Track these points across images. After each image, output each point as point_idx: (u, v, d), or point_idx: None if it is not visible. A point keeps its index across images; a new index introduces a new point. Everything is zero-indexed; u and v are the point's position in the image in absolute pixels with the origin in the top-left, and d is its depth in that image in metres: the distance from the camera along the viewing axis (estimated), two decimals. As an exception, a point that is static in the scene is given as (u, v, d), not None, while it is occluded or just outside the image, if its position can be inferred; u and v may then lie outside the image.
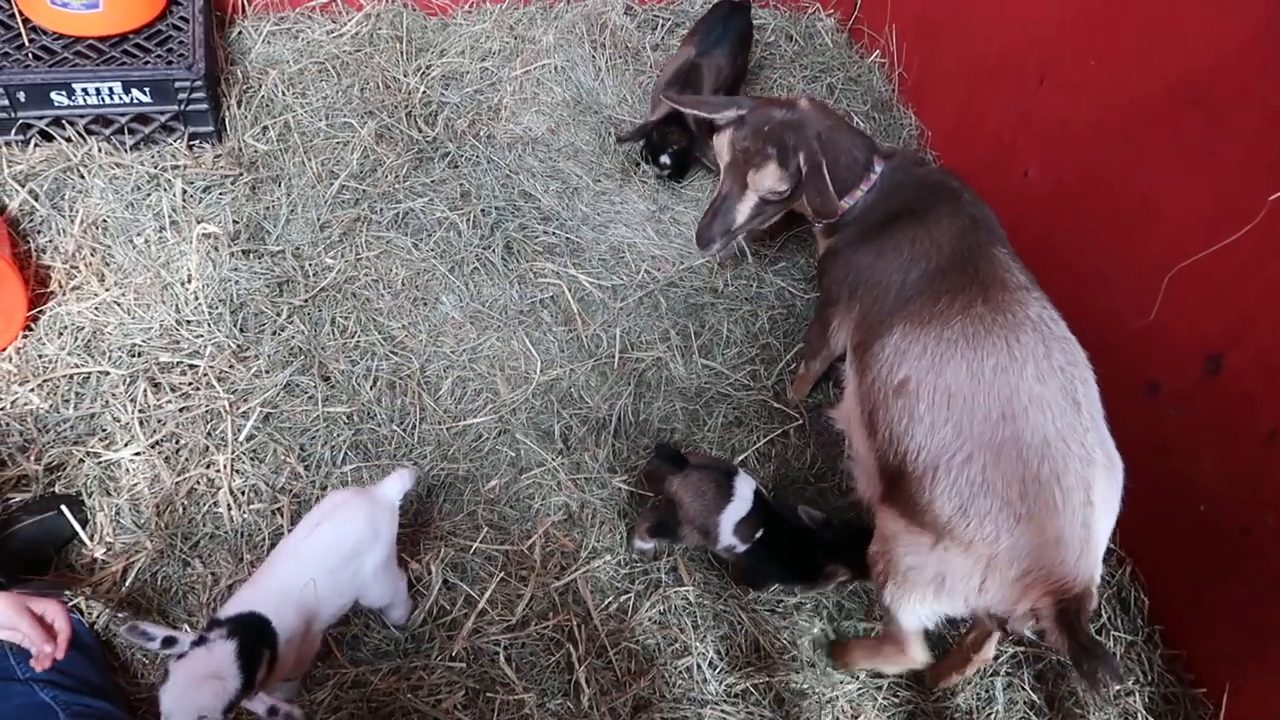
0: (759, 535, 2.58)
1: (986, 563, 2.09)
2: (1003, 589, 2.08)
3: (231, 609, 2.06)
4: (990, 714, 2.63)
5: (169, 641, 1.92)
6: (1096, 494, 2.06)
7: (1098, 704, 2.69)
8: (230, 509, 2.62)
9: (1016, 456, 2.07)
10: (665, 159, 3.37)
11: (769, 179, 2.71)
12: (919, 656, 2.44)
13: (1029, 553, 2.04)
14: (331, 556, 2.19)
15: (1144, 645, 2.81)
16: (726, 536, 2.58)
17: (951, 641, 2.68)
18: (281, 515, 2.62)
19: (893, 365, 2.33)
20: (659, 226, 3.44)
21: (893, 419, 2.29)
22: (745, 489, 2.58)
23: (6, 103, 3.06)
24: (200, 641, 1.94)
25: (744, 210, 2.80)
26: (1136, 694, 2.72)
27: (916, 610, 2.30)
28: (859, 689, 2.62)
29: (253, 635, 2.00)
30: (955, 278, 2.38)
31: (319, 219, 3.21)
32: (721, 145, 2.81)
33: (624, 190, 3.52)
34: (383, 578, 2.32)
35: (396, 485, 2.37)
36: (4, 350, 2.80)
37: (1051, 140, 3.13)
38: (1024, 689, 2.68)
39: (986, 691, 2.66)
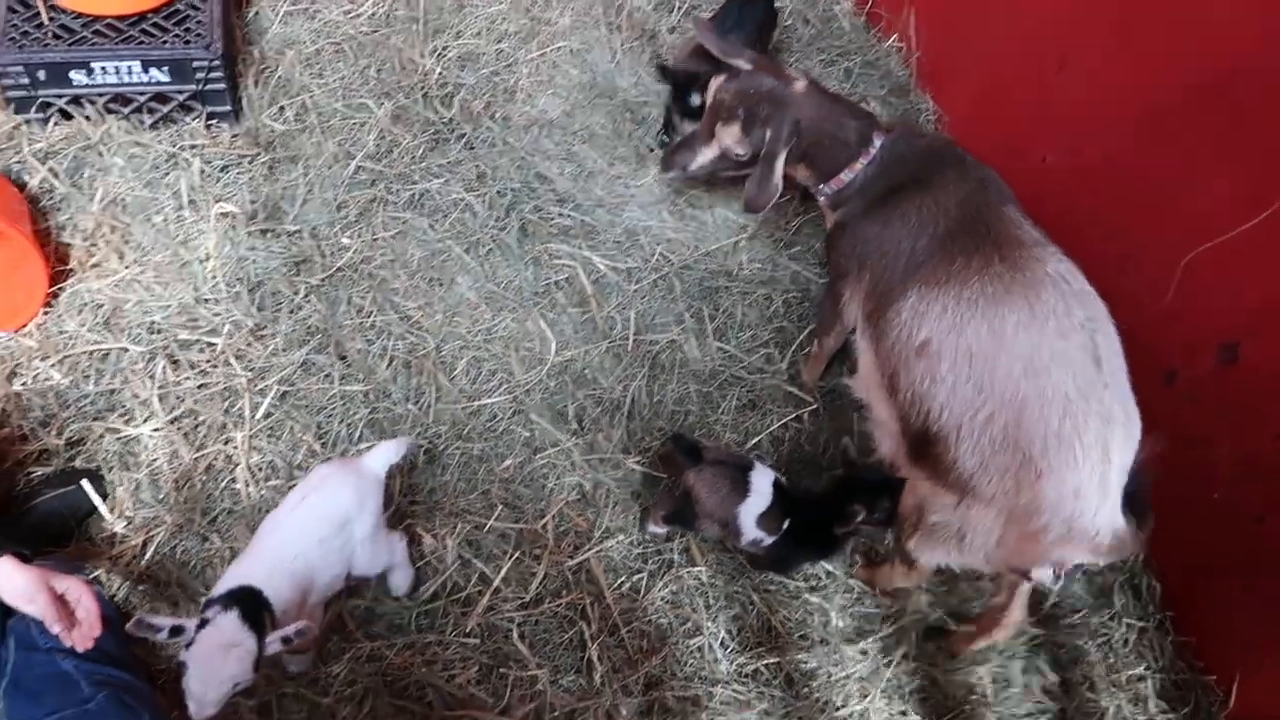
0: (785, 527, 2.57)
1: (1007, 517, 2.15)
2: (1023, 542, 2.15)
3: (223, 586, 2.09)
4: (1006, 697, 2.65)
5: (176, 630, 1.96)
6: (1114, 451, 2.11)
7: (1109, 689, 2.70)
8: (248, 485, 2.65)
9: (1038, 413, 2.12)
10: (694, 99, 3.28)
11: (729, 138, 2.78)
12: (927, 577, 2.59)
13: (1049, 507, 2.09)
14: (321, 527, 2.22)
15: (1155, 631, 2.82)
16: (750, 531, 2.57)
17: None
18: (298, 492, 2.65)
19: (911, 328, 2.36)
20: (674, 209, 3.44)
21: (915, 380, 2.32)
22: (762, 483, 2.56)
23: (27, 81, 3.08)
24: (203, 624, 1.97)
25: (706, 155, 2.90)
26: (1148, 680, 2.73)
27: (937, 560, 2.39)
28: (870, 669, 2.64)
29: (249, 603, 2.03)
30: (966, 239, 2.39)
31: (336, 199, 3.23)
32: (711, 88, 2.88)
33: (639, 174, 3.52)
34: (370, 546, 2.34)
35: (382, 456, 2.39)
36: (25, 326, 2.83)
37: (1070, 125, 3.12)
38: (1039, 673, 2.69)
39: (1002, 671, 2.68)
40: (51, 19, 3.14)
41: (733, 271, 3.34)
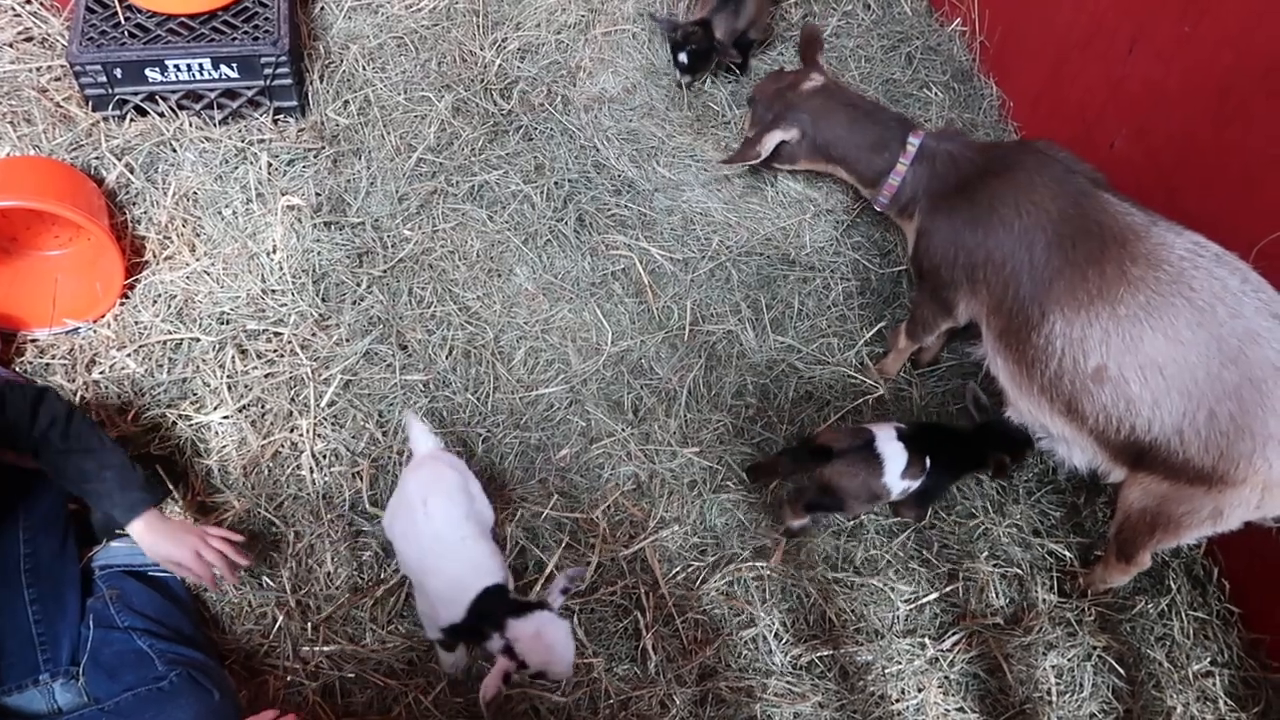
0: (928, 467, 2.62)
1: (1264, 486, 2.18)
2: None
3: (457, 609, 2.15)
4: (1078, 700, 2.61)
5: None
6: None
7: (1175, 686, 2.64)
8: (312, 471, 2.72)
9: (1258, 394, 2.13)
10: (683, 56, 3.47)
11: (748, 122, 3.20)
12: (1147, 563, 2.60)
13: None
14: (457, 505, 2.27)
15: (1219, 624, 2.75)
16: (898, 486, 2.61)
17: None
18: (360, 479, 2.72)
19: (1075, 357, 2.33)
20: (734, 186, 3.45)
21: (1105, 405, 2.32)
22: (890, 446, 2.58)
23: (105, 79, 3.19)
24: (507, 648, 2.06)
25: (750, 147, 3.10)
26: (1216, 676, 2.66)
27: (1184, 543, 2.46)
28: (926, 664, 2.61)
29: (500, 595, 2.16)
30: (1084, 243, 2.36)
31: (397, 191, 3.28)
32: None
33: (697, 144, 3.52)
34: (486, 500, 2.40)
35: (423, 437, 2.42)
36: (103, 317, 2.94)
37: (1141, 110, 3.03)
38: (1106, 674, 2.65)
39: (1066, 665, 2.64)
40: (127, 18, 3.24)
41: (791, 258, 3.32)
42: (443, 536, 2.23)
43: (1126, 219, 2.36)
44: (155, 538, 2.24)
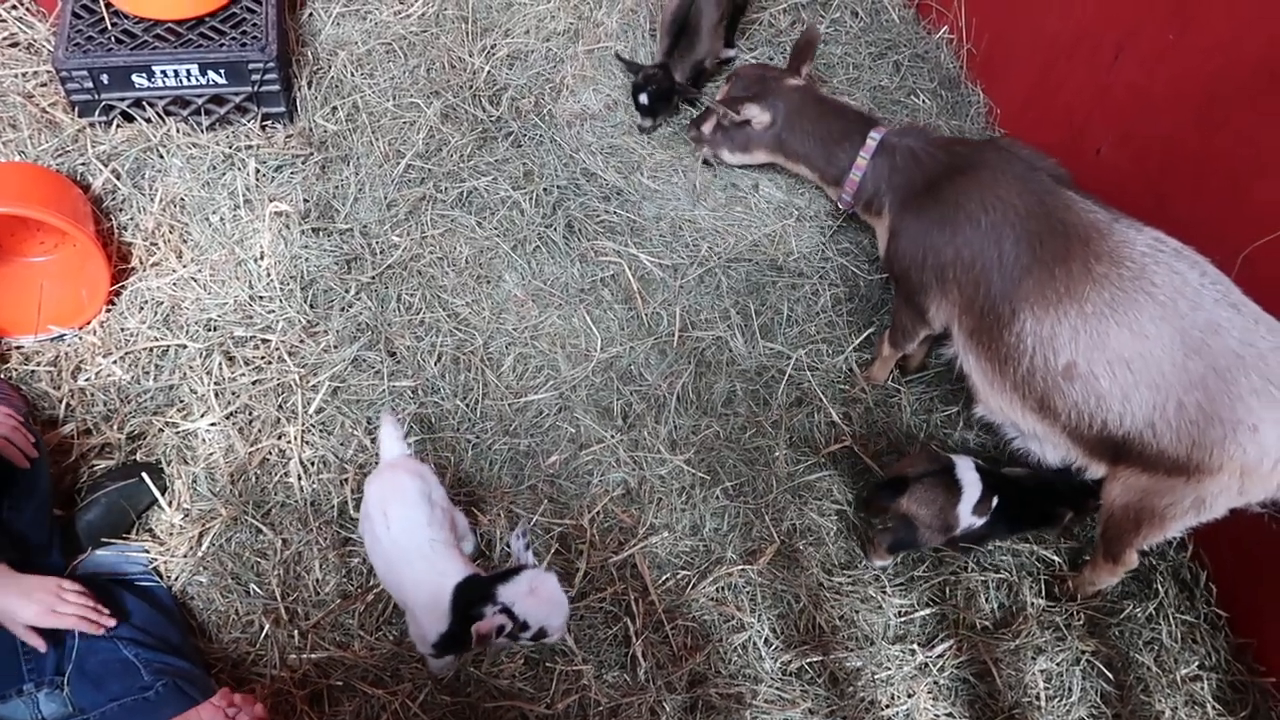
0: (995, 504, 2.62)
1: (1241, 471, 2.21)
2: (1262, 479, 2.22)
3: (451, 583, 2.16)
4: (1066, 704, 2.61)
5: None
6: None
7: (1164, 690, 2.65)
8: (300, 479, 2.71)
9: (1223, 381, 2.17)
10: (643, 98, 3.48)
11: (721, 93, 3.23)
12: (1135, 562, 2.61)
13: (1275, 444, 2.16)
14: (419, 511, 2.27)
15: (1207, 628, 2.76)
16: (965, 521, 2.60)
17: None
18: (348, 485, 2.70)
19: (1045, 355, 2.37)
20: (718, 193, 3.46)
21: (1076, 401, 2.35)
22: (969, 474, 2.59)
23: (91, 85, 3.17)
24: (507, 610, 2.07)
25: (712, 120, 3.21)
26: (1204, 680, 2.67)
27: (1171, 536, 2.47)
28: (915, 670, 2.61)
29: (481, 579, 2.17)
30: (1052, 242, 2.38)
31: (386, 198, 3.27)
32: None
33: (681, 158, 3.53)
34: (451, 506, 2.41)
35: (392, 442, 2.41)
36: (89, 324, 2.92)
37: (1127, 117, 3.05)
38: (1094, 679, 2.65)
39: (1055, 670, 2.64)
40: (114, 24, 3.23)
41: (779, 264, 3.32)
42: (405, 545, 2.22)
43: (1090, 216, 2.39)
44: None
